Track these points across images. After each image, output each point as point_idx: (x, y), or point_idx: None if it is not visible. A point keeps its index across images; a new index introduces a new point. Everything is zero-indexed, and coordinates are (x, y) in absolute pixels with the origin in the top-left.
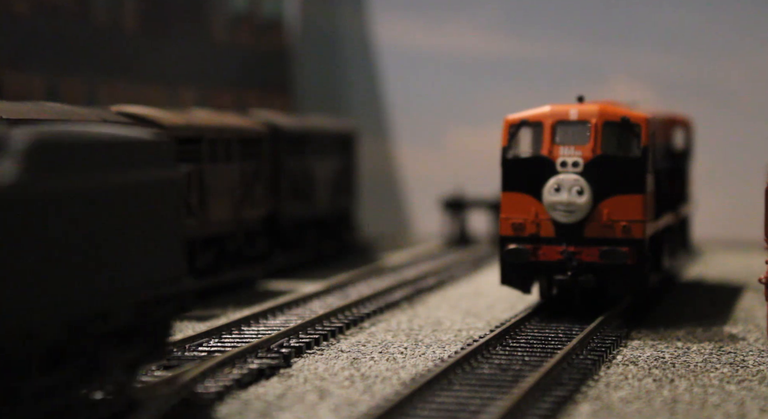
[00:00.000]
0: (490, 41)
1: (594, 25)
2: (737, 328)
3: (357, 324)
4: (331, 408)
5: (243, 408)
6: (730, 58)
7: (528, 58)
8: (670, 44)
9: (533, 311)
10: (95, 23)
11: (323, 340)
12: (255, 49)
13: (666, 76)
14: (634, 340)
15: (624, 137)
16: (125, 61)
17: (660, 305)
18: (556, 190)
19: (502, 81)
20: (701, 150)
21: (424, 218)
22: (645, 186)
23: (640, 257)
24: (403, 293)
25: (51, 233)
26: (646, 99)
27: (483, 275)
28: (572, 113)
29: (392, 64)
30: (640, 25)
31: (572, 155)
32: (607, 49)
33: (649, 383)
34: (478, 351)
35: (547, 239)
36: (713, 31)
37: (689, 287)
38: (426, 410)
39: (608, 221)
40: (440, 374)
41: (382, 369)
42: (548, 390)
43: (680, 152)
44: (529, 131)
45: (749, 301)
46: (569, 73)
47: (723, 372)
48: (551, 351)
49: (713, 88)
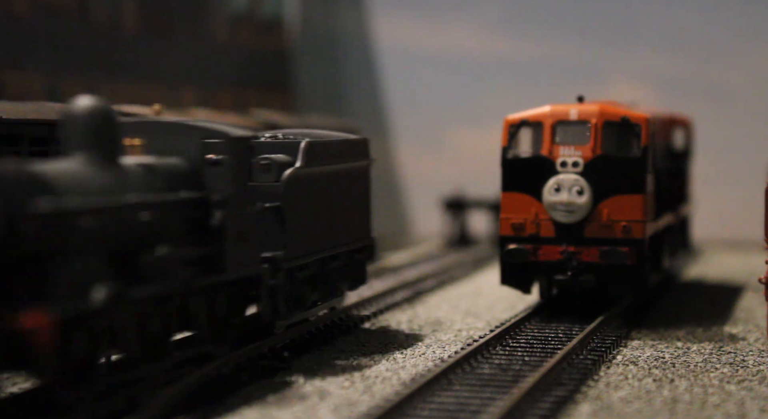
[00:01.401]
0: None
1: (594, 25)
2: (737, 328)
3: (357, 324)
4: (331, 408)
5: (243, 408)
6: (730, 58)
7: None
8: (671, 44)
9: (533, 311)
10: (95, 23)
11: (323, 340)
12: (255, 49)
13: (666, 76)
14: (634, 340)
15: (624, 137)
16: (125, 61)
17: (660, 305)
18: (556, 190)
19: (502, 81)
20: (701, 150)
21: (424, 218)
22: (645, 186)
23: (640, 257)
24: (403, 294)
25: (313, 198)
26: (646, 99)
27: (483, 276)
28: (572, 113)
29: (392, 64)
30: (640, 25)
31: (572, 155)
32: (607, 49)
33: (649, 383)
34: (478, 351)
35: (547, 239)
36: (713, 31)
37: (689, 287)
38: (426, 410)
39: (608, 221)
40: (440, 374)
41: (382, 369)
42: (548, 390)
43: (680, 152)
44: (529, 131)
45: (749, 301)
46: (569, 73)
47: (723, 372)
48: (551, 351)
49: (713, 88)
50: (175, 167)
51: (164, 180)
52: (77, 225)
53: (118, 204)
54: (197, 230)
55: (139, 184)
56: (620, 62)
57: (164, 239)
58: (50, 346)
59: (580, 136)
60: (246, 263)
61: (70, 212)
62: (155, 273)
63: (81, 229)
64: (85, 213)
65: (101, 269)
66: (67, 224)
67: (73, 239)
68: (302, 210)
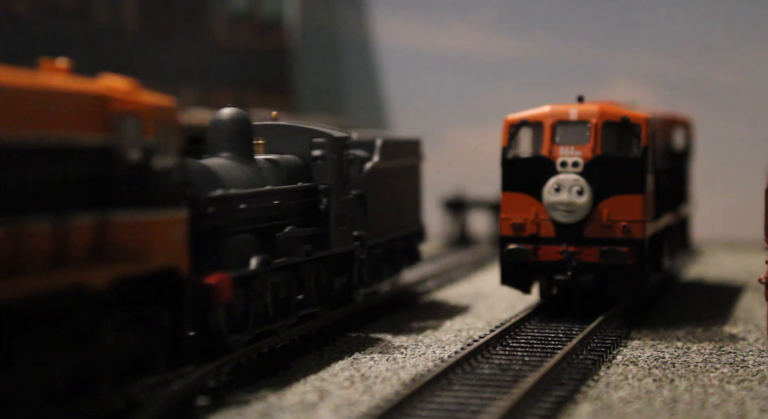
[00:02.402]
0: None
1: (594, 25)
2: (737, 328)
3: (357, 324)
4: (331, 408)
5: (243, 408)
6: (730, 59)
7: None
8: (671, 44)
9: (533, 311)
10: (95, 23)
11: (323, 340)
12: (255, 49)
13: (666, 76)
14: (634, 340)
15: (624, 137)
16: (125, 61)
17: (660, 305)
18: (556, 190)
19: (503, 81)
20: (701, 150)
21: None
22: (645, 186)
23: (640, 257)
24: (403, 294)
25: (385, 188)
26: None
27: (483, 276)
28: (572, 113)
29: (392, 64)
30: (640, 25)
31: (572, 155)
32: (607, 49)
33: (649, 383)
34: (478, 351)
35: (547, 239)
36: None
37: (689, 287)
38: (426, 410)
39: (608, 221)
40: (440, 374)
41: (382, 369)
42: (548, 390)
43: (680, 152)
44: (529, 131)
45: (749, 301)
46: (569, 73)
47: (723, 372)
48: (551, 351)
49: (713, 89)
50: (291, 162)
51: (285, 173)
52: (237, 209)
53: (260, 192)
54: (308, 213)
55: (269, 176)
56: (620, 62)
57: (288, 220)
58: (227, 298)
59: (580, 136)
60: (343, 241)
61: (233, 198)
62: (285, 247)
63: (239, 211)
64: (242, 199)
65: (253, 242)
66: (231, 207)
67: (235, 219)
68: (378, 197)
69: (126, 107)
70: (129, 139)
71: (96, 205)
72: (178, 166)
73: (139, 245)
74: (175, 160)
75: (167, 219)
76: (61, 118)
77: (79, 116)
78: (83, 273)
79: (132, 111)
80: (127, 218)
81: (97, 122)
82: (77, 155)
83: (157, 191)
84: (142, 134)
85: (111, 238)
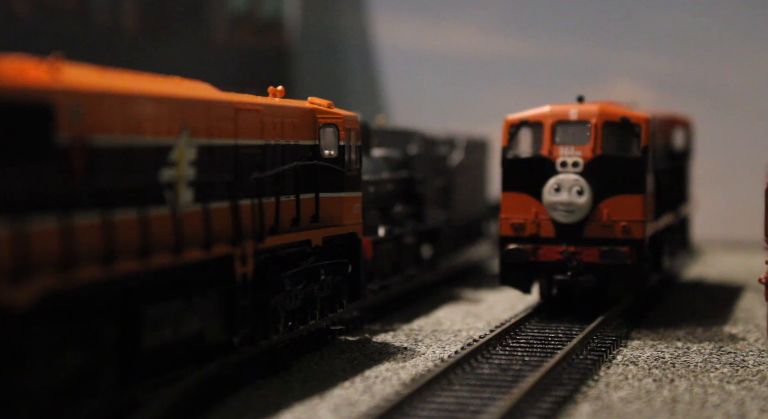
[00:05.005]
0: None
1: (594, 25)
2: (737, 328)
3: (357, 325)
4: (331, 408)
5: (243, 408)
6: (730, 59)
7: (528, 58)
8: (671, 45)
9: (533, 312)
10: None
11: (323, 340)
12: (255, 49)
13: (666, 76)
14: (634, 340)
15: (624, 137)
16: (125, 61)
17: (660, 305)
18: (556, 190)
19: (502, 81)
20: (701, 150)
21: None
22: (645, 186)
23: (640, 257)
24: (403, 294)
25: (465, 179)
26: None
27: (483, 276)
28: (572, 113)
29: (392, 63)
30: (640, 26)
31: (572, 155)
32: (607, 50)
33: (649, 383)
34: (478, 351)
35: (547, 239)
36: (713, 32)
37: (689, 287)
38: (426, 410)
39: (608, 221)
40: (440, 374)
41: (382, 369)
42: (548, 390)
43: (680, 152)
44: (529, 131)
45: (749, 301)
46: (569, 73)
47: (723, 372)
48: (551, 351)
49: (713, 89)
50: (395, 156)
51: (392, 165)
52: (369, 190)
53: (380, 179)
54: (407, 196)
55: (383, 167)
56: (620, 62)
57: (395, 201)
58: (369, 255)
59: (580, 136)
60: (434, 219)
61: (369, 183)
62: (396, 221)
63: (371, 192)
64: (371, 183)
65: (378, 217)
66: (367, 188)
67: (368, 197)
68: (460, 186)
69: (326, 119)
70: (329, 141)
71: (311, 187)
72: (357, 159)
73: (336, 215)
74: (356, 155)
75: (352, 197)
76: (295, 127)
77: (303, 126)
78: (308, 233)
79: (330, 122)
80: (329, 196)
81: (311, 130)
82: (303, 153)
83: (345, 177)
84: (337, 138)
85: (321, 210)
